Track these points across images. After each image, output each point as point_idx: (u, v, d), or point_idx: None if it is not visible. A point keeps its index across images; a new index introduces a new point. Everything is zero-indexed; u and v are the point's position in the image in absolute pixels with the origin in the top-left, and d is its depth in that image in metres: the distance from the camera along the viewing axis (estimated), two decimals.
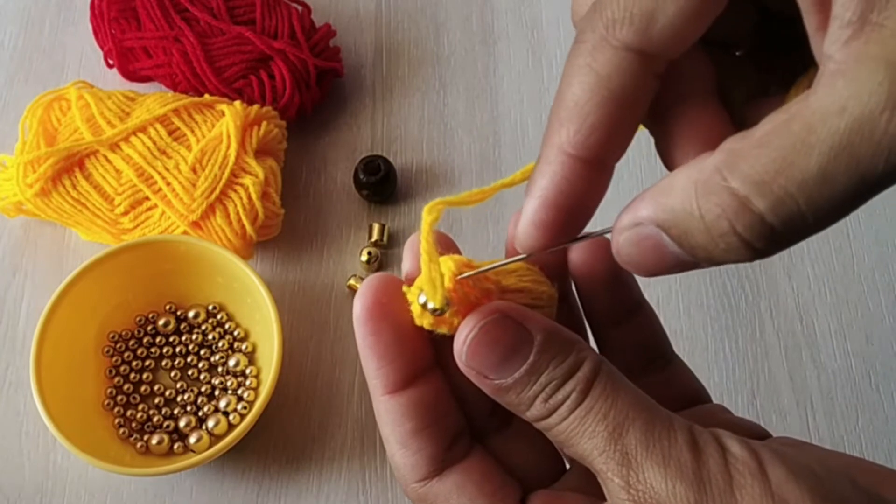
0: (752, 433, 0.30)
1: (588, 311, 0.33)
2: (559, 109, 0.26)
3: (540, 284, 0.30)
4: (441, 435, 0.29)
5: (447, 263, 0.28)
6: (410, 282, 0.29)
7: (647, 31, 0.24)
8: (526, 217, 0.27)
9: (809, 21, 0.23)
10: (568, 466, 0.32)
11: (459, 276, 0.28)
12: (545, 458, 0.32)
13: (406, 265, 0.30)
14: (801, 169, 0.21)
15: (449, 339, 0.28)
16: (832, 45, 0.21)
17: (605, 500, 0.26)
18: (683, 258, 0.24)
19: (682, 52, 0.25)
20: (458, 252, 0.30)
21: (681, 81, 0.27)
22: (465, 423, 0.30)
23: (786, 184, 0.21)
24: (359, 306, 0.28)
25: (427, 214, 0.28)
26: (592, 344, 0.33)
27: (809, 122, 0.21)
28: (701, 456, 0.25)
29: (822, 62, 0.22)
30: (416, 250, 0.28)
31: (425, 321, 0.28)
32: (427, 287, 0.27)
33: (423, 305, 0.28)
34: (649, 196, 0.24)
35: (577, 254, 0.31)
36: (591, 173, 0.26)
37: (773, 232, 0.21)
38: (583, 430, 0.26)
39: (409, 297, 0.28)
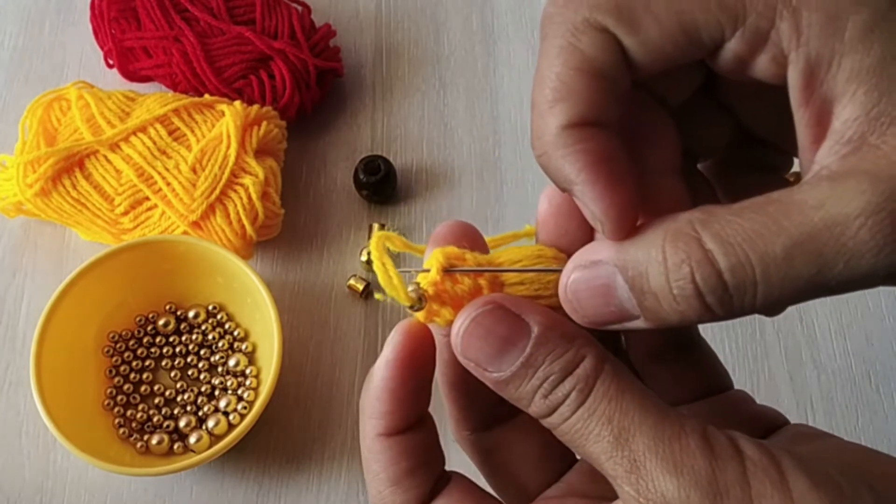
0: (774, 422, 0.30)
1: None
2: (543, 88, 0.26)
3: (547, 273, 0.29)
4: (432, 473, 0.29)
5: (437, 255, 0.28)
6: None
7: (632, 27, 0.25)
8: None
9: (804, 134, 0.25)
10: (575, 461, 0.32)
11: (446, 271, 0.28)
12: (549, 453, 0.31)
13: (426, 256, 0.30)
14: (768, 244, 0.22)
15: None
16: (828, 157, 0.23)
17: (611, 500, 0.26)
18: (626, 308, 0.25)
19: (654, 71, 0.26)
20: (482, 243, 0.30)
21: (649, 157, 0.29)
22: (443, 461, 0.30)
23: (749, 252, 0.22)
24: (392, 348, 0.28)
25: (378, 229, 0.29)
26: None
27: (787, 208, 0.22)
28: (717, 462, 0.23)
29: (811, 169, 0.24)
30: (436, 240, 0.29)
31: (419, 316, 0.28)
32: (387, 289, 0.27)
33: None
34: (611, 241, 0.25)
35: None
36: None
37: (725, 292, 0.23)
38: (587, 432, 0.25)
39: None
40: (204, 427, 0.55)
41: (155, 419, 0.55)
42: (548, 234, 0.30)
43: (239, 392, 0.56)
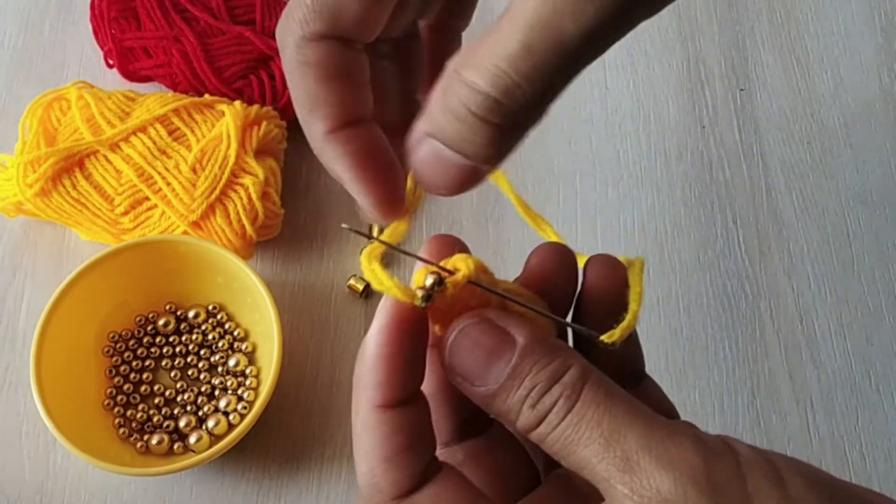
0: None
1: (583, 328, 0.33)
2: (298, 104, 0.30)
3: (539, 318, 0.30)
4: (425, 453, 0.28)
5: (467, 263, 0.28)
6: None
7: (337, 23, 0.28)
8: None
9: None
10: (542, 478, 0.32)
11: (469, 282, 0.28)
12: (521, 466, 0.31)
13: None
14: (506, 47, 0.24)
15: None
16: None
17: None
18: (461, 162, 0.26)
19: (374, 34, 0.30)
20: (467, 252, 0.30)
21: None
22: (435, 444, 0.30)
23: (496, 62, 0.24)
24: (384, 316, 0.28)
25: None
26: None
27: (512, 12, 0.25)
28: (711, 458, 0.23)
29: None
30: (429, 251, 0.30)
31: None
32: (385, 291, 0.28)
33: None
34: (424, 111, 0.27)
35: (597, 273, 0.31)
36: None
37: (500, 105, 0.25)
38: (577, 437, 0.25)
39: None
40: (204, 427, 0.55)
41: (155, 419, 0.55)
42: (535, 286, 0.31)
43: (239, 392, 0.56)
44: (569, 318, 0.32)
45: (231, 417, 0.55)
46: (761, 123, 0.66)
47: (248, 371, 0.56)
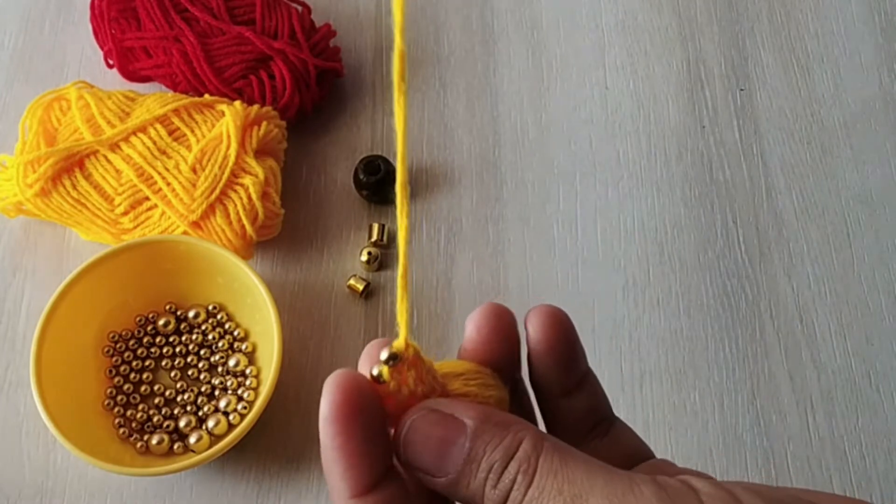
0: (644, 455, 0.31)
1: (539, 385, 0.32)
2: None
3: (488, 388, 0.29)
4: None
5: (406, 346, 0.27)
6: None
7: None
8: None
9: None
10: None
11: (406, 363, 0.27)
12: None
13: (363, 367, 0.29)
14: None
15: None
16: None
17: None
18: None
19: None
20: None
21: None
22: None
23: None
24: (326, 405, 0.27)
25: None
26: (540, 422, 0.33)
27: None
28: (672, 501, 0.24)
29: None
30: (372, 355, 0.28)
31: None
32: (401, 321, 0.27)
33: (375, 377, 0.27)
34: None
35: (536, 329, 0.31)
36: None
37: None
38: None
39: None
40: (204, 427, 0.55)
41: (155, 419, 0.55)
42: (475, 357, 0.31)
43: (239, 392, 0.56)
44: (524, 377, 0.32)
45: (231, 417, 0.55)
46: (761, 123, 0.66)
47: (248, 371, 0.56)
